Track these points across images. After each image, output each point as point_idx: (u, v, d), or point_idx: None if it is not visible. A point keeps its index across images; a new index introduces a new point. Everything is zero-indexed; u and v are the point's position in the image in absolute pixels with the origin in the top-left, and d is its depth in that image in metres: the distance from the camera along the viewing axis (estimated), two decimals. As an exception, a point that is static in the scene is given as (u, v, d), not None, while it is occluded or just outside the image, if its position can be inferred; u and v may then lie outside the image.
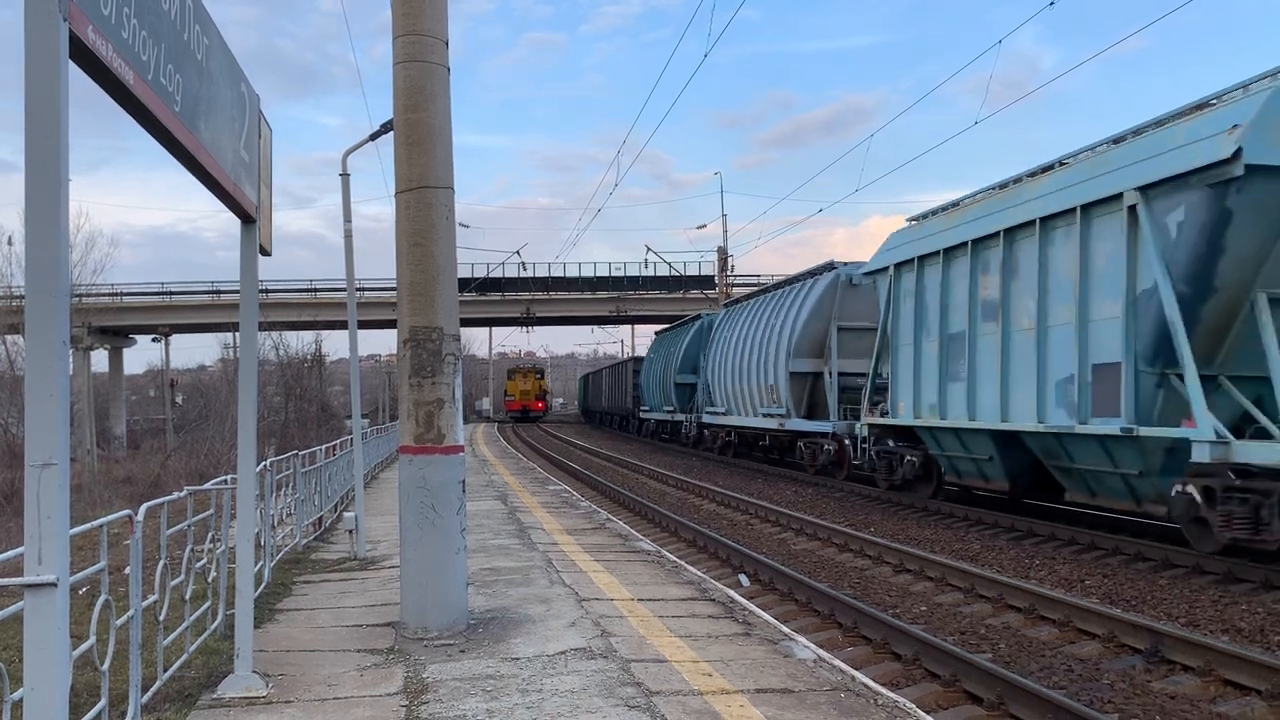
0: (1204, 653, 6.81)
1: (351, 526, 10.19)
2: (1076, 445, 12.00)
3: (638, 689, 5.21)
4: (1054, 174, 12.71)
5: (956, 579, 9.91)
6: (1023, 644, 7.70)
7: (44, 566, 2.77)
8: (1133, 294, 10.91)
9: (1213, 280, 10.24)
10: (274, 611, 7.39)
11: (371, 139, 11.11)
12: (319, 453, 12.75)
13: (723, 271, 52.28)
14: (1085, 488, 12.53)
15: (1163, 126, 11.02)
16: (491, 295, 61.77)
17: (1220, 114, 10.07)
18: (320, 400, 53.24)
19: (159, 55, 3.52)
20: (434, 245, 6.66)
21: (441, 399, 6.61)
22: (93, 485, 26.42)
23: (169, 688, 5.26)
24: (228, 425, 33.60)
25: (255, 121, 5.28)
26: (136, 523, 4.65)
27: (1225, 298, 10.30)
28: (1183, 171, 10.04)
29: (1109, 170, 11.30)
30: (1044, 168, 13.17)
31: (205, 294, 59.20)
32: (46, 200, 2.74)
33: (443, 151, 6.75)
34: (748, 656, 5.94)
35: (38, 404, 2.76)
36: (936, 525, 14.21)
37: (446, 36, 6.84)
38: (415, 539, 6.53)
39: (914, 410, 15.73)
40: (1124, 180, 10.89)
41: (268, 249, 5.57)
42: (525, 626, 6.71)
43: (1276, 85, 9.70)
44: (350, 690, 5.30)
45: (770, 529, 14.66)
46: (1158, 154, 10.56)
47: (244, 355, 5.78)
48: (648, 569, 9.21)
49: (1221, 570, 9.87)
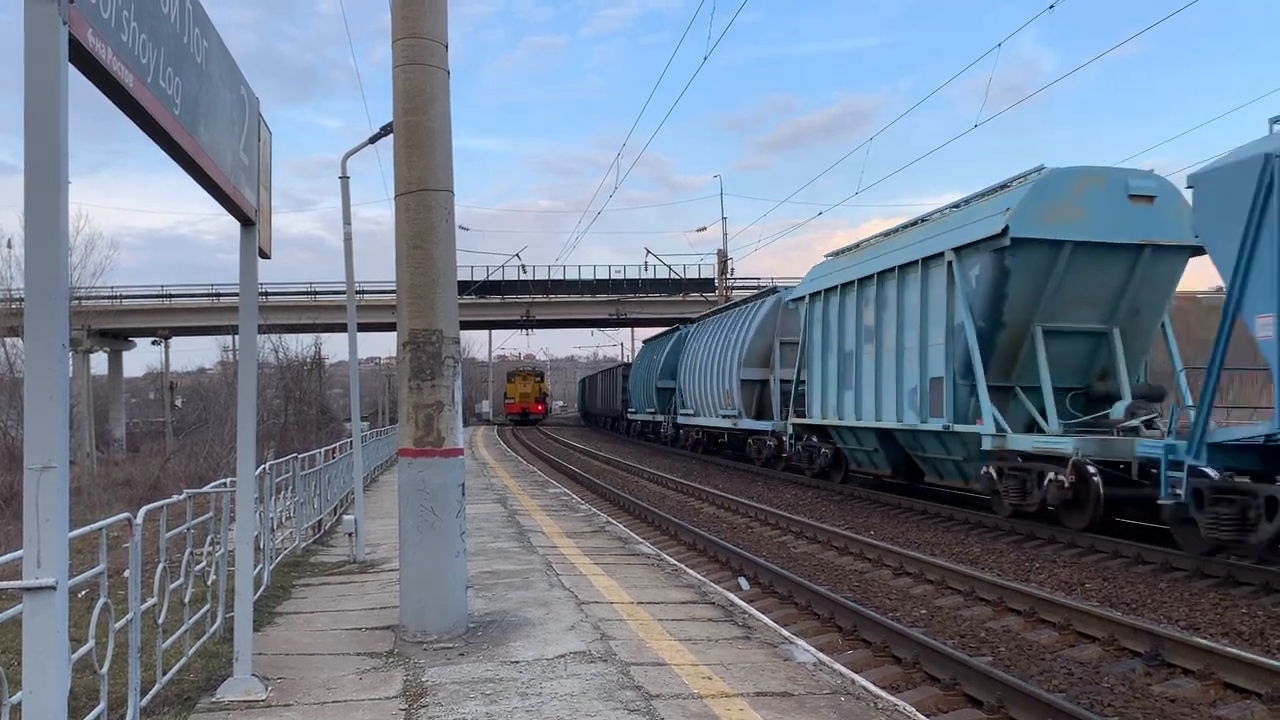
0: (1204, 656, 6.81)
1: (351, 529, 10.18)
2: (923, 439, 15.90)
3: (637, 692, 5.21)
4: (915, 229, 16.70)
5: (957, 582, 9.90)
6: (1023, 647, 7.69)
7: (43, 569, 2.76)
8: (951, 327, 14.74)
9: (1002, 317, 13.92)
10: (273, 615, 7.38)
11: (371, 142, 11.10)
12: (318, 455, 12.74)
13: (723, 274, 52.39)
14: (934, 471, 16.52)
15: (970, 204, 15.06)
16: (491, 298, 61.75)
17: (1002, 199, 13.90)
18: (320, 403, 53.33)
19: (159, 58, 3.52)
20: (434, 248, 6.66)
21: (441, 402, 6.61)
22: (92, 488, 26.41)
23: (168, 691, 5.25)
24: (227, 428, 33.58)
25: (255, 124, 5.28)
26: (136, 526, 4.64)
27: (1012, 330, 13.99)
28: (977, 239, 13.83)
29: (939, 234, 15.20)
30: (910, 223, 17.17)
31: (205, 297, 59.17)
32: (46, 203, 2.74)
33: (442, 154, 6.75)
34: (747, 660, 5.93)
35: (37, 406, 2.75)
36: (936, 528, 14.21)
37: (446, 40, 6.84)
38: (415, 542, 6.53)
39: (822, 412, 19.68)
40: (946, 242, 14.73)
41: (267, 252, 5.57)
42: (525, 630, 6.70)
43: (1035, 181, 13.55)
44: (349, 693, 5.29)
45: (770, 532, 14.65)
46: (965, 225, 14.37)
47: (243, 358, 5.78)
48: (647, 572, 9.20)
49: (1222, 574, 9.87)
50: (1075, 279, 13.57)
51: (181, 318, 57.38)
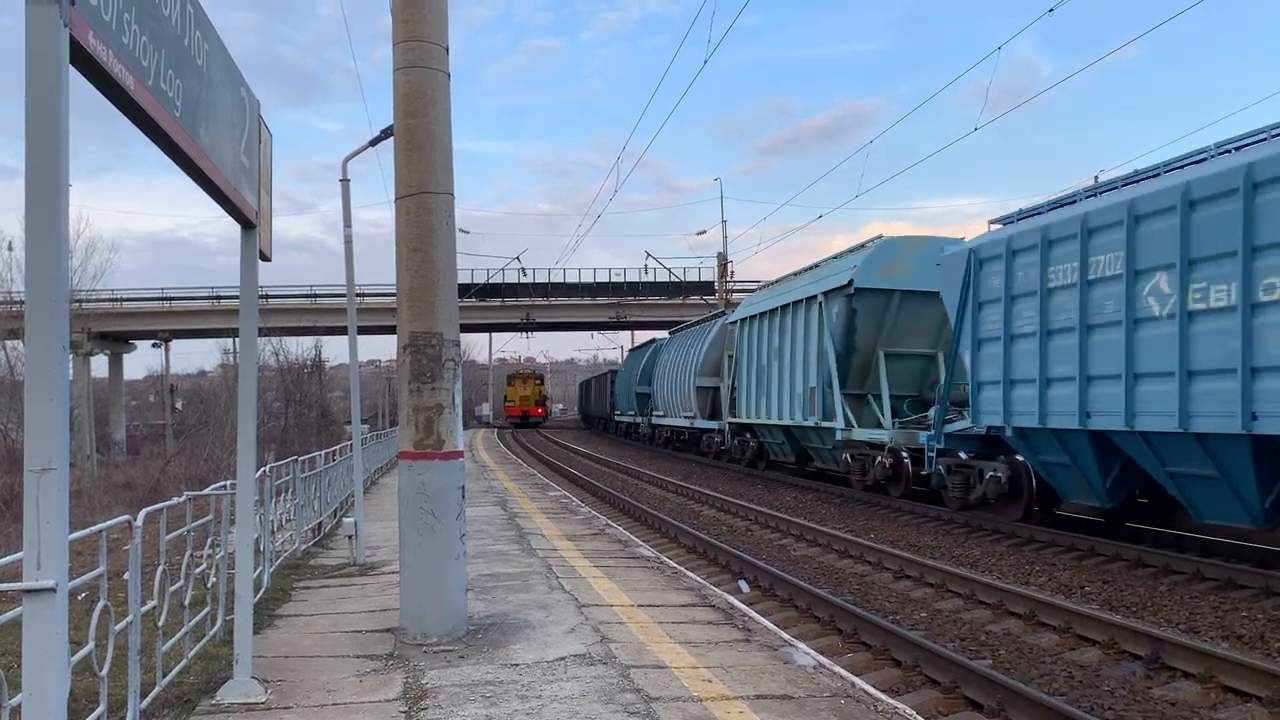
0: (1204, 659, 6.80)
1: (351, 532, 10.18)
2: (808, 432, 20.95)
3: (637, 695, 5.21)
4: (806, 274, 21.88)
5: (957, 585, 9.90)
6: (1023, 650, 7.69)
7: (43, 572, 2.76)
8: (821, 349, 19.55)
9: (854, 344, 18.66)
10: (273, 617, 7.38)
11: (371, 144, 11.10)
12: (318, 458, 12.74)
13: (723, 277, 52.27)
14: (818, 456, 21.62)
15: (839, 258, 20.30)
16: (491, 301, 61.73)
17: (853, 258, 19.10)
18: (320, 405, 53.32)
19: (159, 61, 3.53)
20: (434, 251, 6.67)
21: (441, 404, 6.61)
22: (92, 490, 26.43)
23: (168, 693, 5.25)
24: (227, 430, 33.60)
25: (255, 127, 5.29)
26: (136, 528, 4.65)
27: (863, 353, 18.74)
28: (834, 287, 18.90)
29: (817, 280, 20.29)
30: (808, 268, 22.38)
31: (205, 299, 59.11)
32: (47, 205, 2.74)
33: (443, 157, 6.76)
34: (748, 663, 5.93)
35: (37, 409, 2.75)
36: (936, 531, 14.20)
37: (447, 42, 6.85)
38: (415, 545, 6.52)
39: (748, 412, 24.49)
40: (818, 287, 19.74)
41: (268, 254, 5.57)
42: (525, 632, 6.70)
43: (874, 246, 18.73)
44: (349, 696, 5.28)
45: (770, 535, 14.65)
46: (829, 276, 19.62)
47: (244, 360, 5.78)
48: (647, 575, 9.20)
49: (1222, 576, 9.87)
50: (905, 317, 18.34)
51: (182, 320, 57.40)
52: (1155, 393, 10.38)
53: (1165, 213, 10.27)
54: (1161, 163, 10.99)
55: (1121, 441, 11.23)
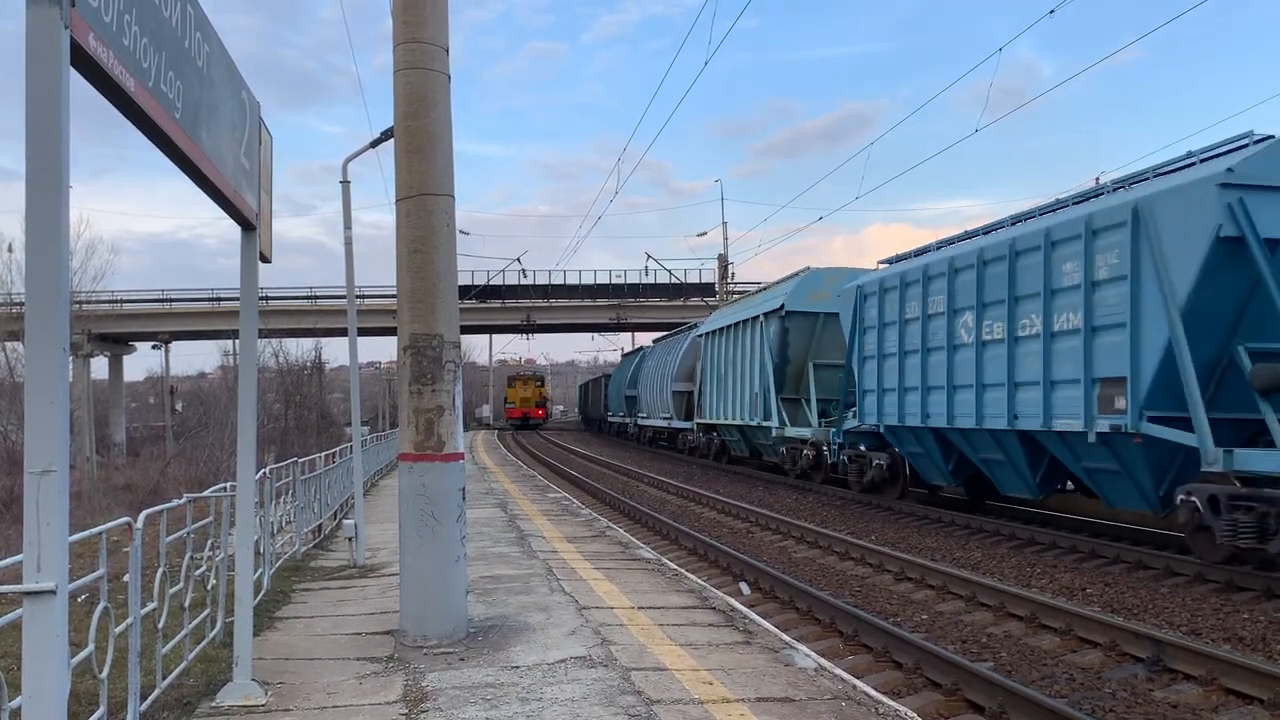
0: (1206, 661, 6.79)
1: (351, 534, 10.17)
2: (756, 431, 24.49)
3: (638, 697, 5.20)
4: (757, 295, 26.20)
5: (958, 587, 9.89)
6: (1024, 652, 7.67)
7: (43, 574, 2.76)
8: (762, 361, 23.23)
9: (788, 356, 22.42)
10: (273, 619, 7.37)
11: (372, 146, 11.10)
12: (318, 460, 12.73)
13: (723, 279, 52.31)
14: (766, 451, 25.02)
15: (781, 283, 24.28)
16: (492, 302, 61.72)
17: (786, 286, 23.09)
18: (320, 407, 53.28)
19: (160, 63, 3.52)
20: (434, 252, 6.66)
21: (441, 406, 6.60)
22: (92, 492, 26.42)
23: (168, 695, 5.24)
24: (227, 432, 33.59)
25: (256, 128, 5.29)
26: (136, 530, 4.64)
27: (796, 364, 22.39)
28: (771, 309, 22.81)
29: (762, 302, 24.17)
30: (763, 288, 27.56)
31: (205, 301, 59.11)
32: (47, 207, 2.74)
33: (443, 159, 6.76)
34: (748, 665, 5.92)
35: (37, 410, 2.75)
36: (938, 533, 14.19)
37: (447, 44, 6.85)
38: (415, 547, 6.52)
39: (711, 413, 28.45)
40: (760, 309, 23.58)
41: (268, 256, 5.57)
42: (525, 635, 6.69)
43: (801, 277, 22.87)
44: (349, 698, 5.28)
45: (771, 537, 14.64)
46: (769, 300, 23.60)
47: (244, 362, 5.77)
48: (648, 577, 9.19)
49: (1223, 579, 9.86)
50: (829, 334, 21.46)
51: (182, 322, 57.37)
52: (964, 400, 14.16)
53: (969, 269, 14.03)
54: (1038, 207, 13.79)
55: (950, 436, 14.90)
